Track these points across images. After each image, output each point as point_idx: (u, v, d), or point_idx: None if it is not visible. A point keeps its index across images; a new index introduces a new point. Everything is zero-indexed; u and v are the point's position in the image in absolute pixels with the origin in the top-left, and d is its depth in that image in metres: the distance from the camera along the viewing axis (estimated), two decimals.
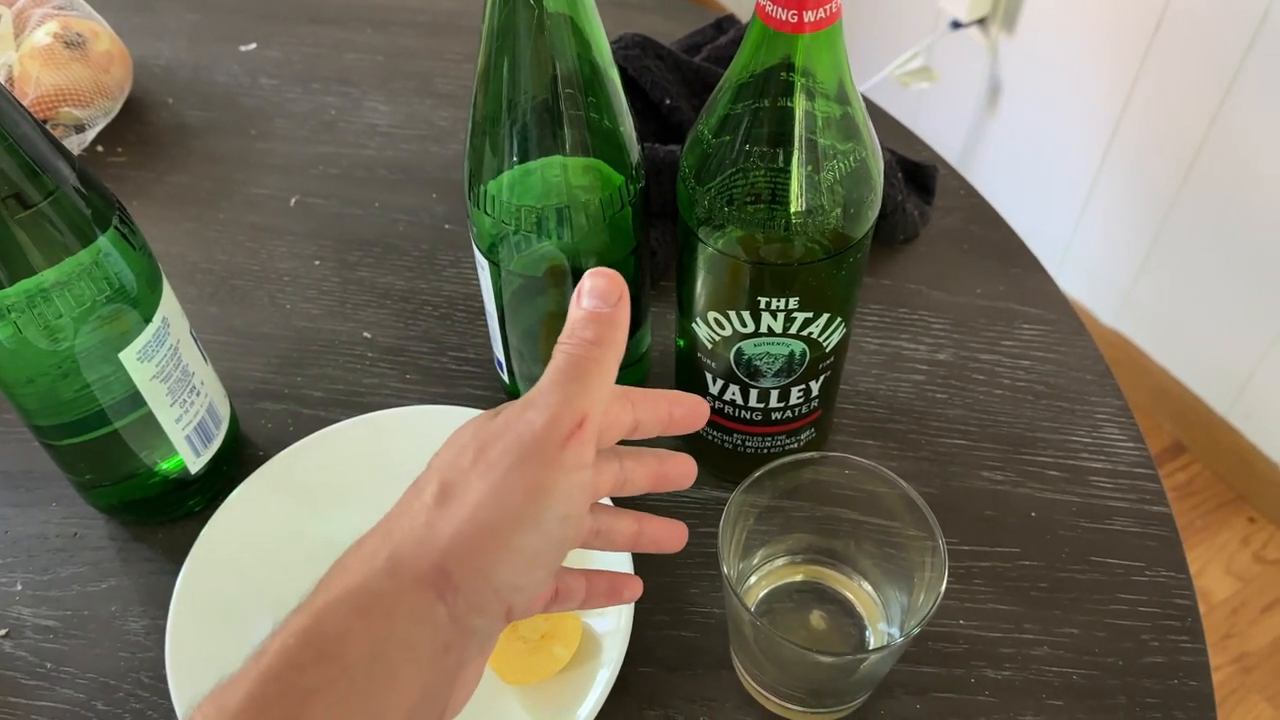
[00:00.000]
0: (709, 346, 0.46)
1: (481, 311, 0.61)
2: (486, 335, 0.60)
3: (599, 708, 0.44)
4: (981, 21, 1.40)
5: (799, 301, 0.42)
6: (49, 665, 0.48)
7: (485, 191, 0.44)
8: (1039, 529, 0.52)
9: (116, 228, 0.43)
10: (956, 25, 1.40)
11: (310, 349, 0.60)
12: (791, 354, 0.45)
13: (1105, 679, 0.47)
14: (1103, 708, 0.46)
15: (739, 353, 0.45)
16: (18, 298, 0.41)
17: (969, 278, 0.62)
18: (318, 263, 0.64)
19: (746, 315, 0.43)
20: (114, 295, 0.43)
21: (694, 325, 0.46)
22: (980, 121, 1.48)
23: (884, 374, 0.58)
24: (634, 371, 0.56)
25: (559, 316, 0.50)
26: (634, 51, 0.63)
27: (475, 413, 0.46)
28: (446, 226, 0.66)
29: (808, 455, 0.44)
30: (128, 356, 0.44)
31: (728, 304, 0.43)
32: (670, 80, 0.64)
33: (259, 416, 0.57)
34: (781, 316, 0.42)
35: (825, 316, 0.43)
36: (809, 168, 0.38)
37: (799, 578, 0.48)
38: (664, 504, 0.53)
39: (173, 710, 0.46)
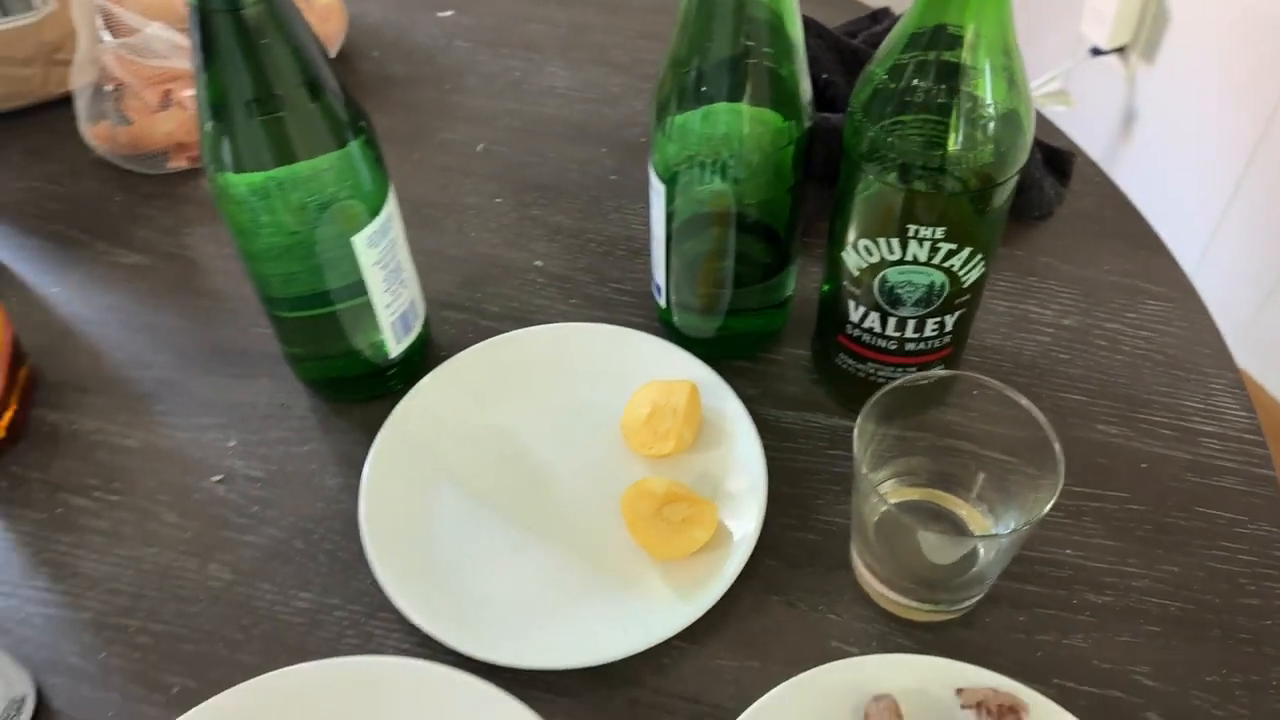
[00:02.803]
0: (855, 274, 0.51)
1: (639, 252, 0.68)
2: (643, 272, 0.67)
3: (729, 585, 0.50)
4: (1122, 50, 1.42)
5: (945, 232, 0.47)
6: (256, 509, 0.56)
7: (673, 122, 0.51)
8: (1149, 479, 0.55)
9: (364, 134, 0.51)
10: (1097, 52, 1.43)
11: (490, 272, 0.67)
12: (932, 284, 0.50)
13: (1202, 614, 0.50)
14: (1197, 638, 0.50)
15: (883, 280, 0.50)
16: (279, 180, 0.49)
17: (1098, 255, 0.66)
18: (499, 200, 0.72)
19: (895, 242, 0.48)
20: (354, 192, 0.51)
21: (844, 254, 0.51)
22: (1113, 148, 1.50)
23: (1011, 333, 0.62)
24: (776, 315, 0.61)
25: (717, 255, 0.56)
26: None
27: (632, 333, 0.51)
28: (613, 178, 0.73)
29: (946, 373, 0.49)
30: (359, 241, 0.52)
31: (879, 231, 0.48)
32: (829, 58, 0.70)
33: (444, 323, 0.64)
34: (927, 245, 0.48)
35: (967, 250, 0.48)
36: (969, 106, 0.44)
37: (916, 497, 0.53)
38: (795, 427, 0.58)
39: (359, 551, 0.53)
